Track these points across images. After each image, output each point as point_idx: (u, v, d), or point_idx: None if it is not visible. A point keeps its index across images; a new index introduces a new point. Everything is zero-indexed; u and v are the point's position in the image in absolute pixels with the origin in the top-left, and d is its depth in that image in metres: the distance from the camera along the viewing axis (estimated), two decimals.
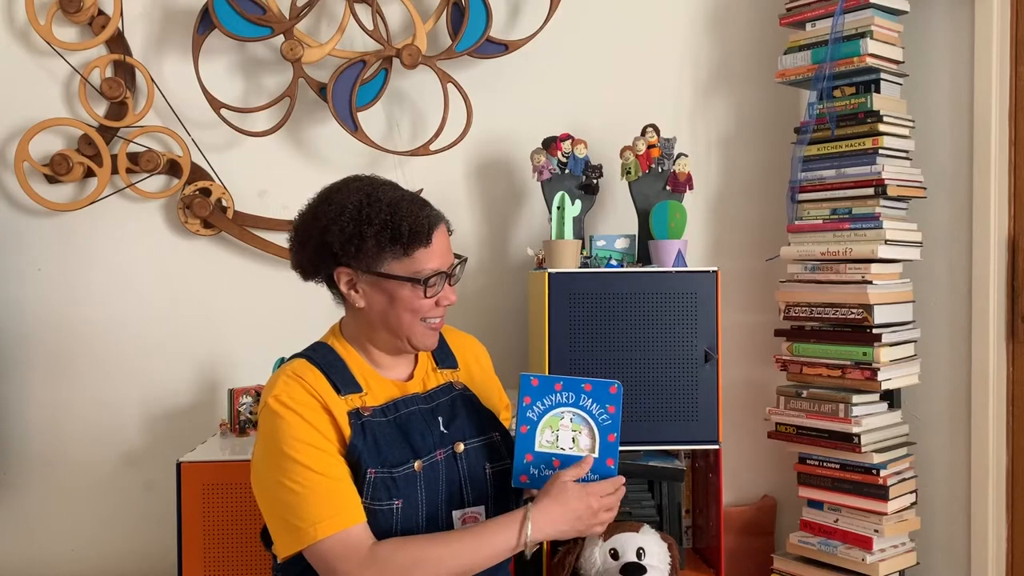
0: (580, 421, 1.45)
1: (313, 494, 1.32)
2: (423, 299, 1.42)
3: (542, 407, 1.46)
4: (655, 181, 2.28)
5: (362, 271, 1.41)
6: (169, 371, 2.51)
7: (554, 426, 1.46)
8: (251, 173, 2.50)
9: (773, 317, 2.32)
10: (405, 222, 1.38)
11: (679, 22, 2.55)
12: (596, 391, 1.45)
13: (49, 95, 2.46)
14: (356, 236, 1.38)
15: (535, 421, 1.45)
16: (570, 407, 1.46)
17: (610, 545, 2.00)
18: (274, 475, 1.35)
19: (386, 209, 1.39)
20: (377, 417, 1.42)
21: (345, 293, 1.44)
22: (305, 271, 1.47)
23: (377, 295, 1.43)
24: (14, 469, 2.49)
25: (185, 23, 2.42)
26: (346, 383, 1.43)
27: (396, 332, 1.45)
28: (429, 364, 1.56)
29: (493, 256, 2.55)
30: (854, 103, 2.10)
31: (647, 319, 2.11)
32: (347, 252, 1.39)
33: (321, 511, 1.31)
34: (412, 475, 1.40)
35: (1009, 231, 2.11)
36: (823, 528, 2.18)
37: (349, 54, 2.40)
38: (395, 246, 1.39)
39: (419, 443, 1.43)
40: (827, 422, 2.11)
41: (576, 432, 1.45)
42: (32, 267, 2.48)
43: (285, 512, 1.34)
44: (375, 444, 1.39)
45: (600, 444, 1.45)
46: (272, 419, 1.37)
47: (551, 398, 1.46)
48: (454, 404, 1.52)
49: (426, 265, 1.41)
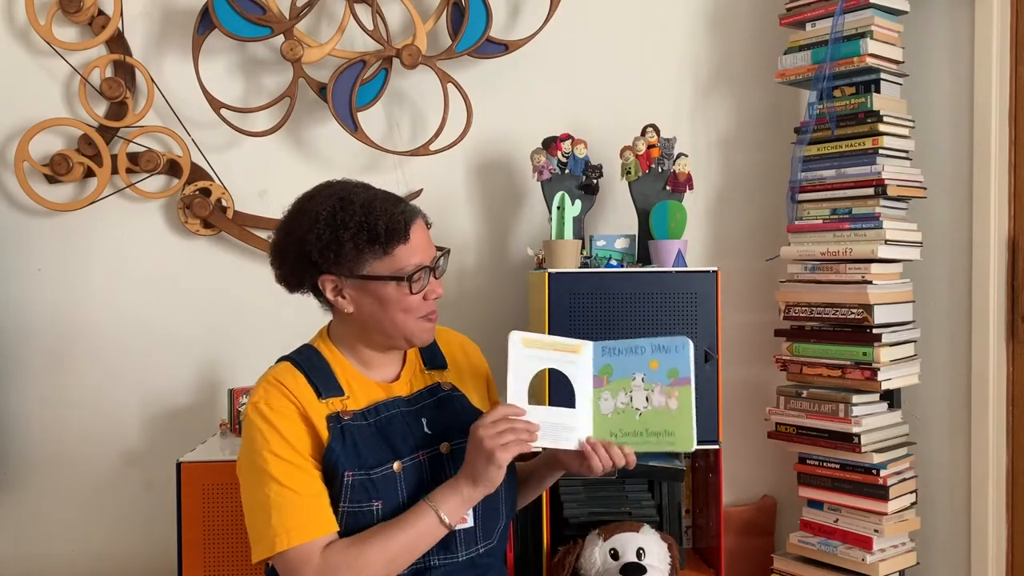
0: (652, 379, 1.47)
1: (278, 507, 1.35)
2: (410, 296, 1.42)
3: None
4: (655, 181, 2.28)
5: (345, 276, 1.41)
6: (169, 371, 2.51)
7: (627, 388, 1.46)
8: (251, 173, 2.50)
9: (773, 317, 2.31)
10: (380, 221, 1.38)
11: (679, 22, 2.55)
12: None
13: (49, 95, 2.46)
14: (334, 242, 1.38)
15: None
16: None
17: (610, 545, 2.00)
18: (249, 483, 1.39)
19: (360, 211, 1.38)
20: (357, 421, 1.43)
21: (332, 300, 1.44)
22: (289, 284, 1.48)
23: (365, 298, 1.43)
24: (14, 469, 2.49)
25: (185, 23, 2.42)
26: (328, 387, 1.43)
27: (391, 332, 1.45)
28: (417, 365, 1.56)
29: (493, 256, 2.55)
30: (854, 103, 2.10)
31: (647, 319, 2.11)
32: (327, 259, 1.39)
33: (283, 524, 1.34)
34: (391, 476, 1.41)
35: (1009, 231, 2.11)
36: (823, 528, 2.18)
37: (349, 54, 2.40)
38: (374, 246, 1.39)
39: (399, 445, 1.44)
40: (827, 422, 2.11)
41: (649, 391, 1.46)
42: (32, 267, 2.48)
43: (256, 520, 1.38)
44: (354, 447, 1.40)
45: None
46: (249, 427, 1.41)
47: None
48: (440, 405, 1.52)
49: (408, 261, 1.41)
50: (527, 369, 1.48)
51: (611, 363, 1.48)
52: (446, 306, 1.53)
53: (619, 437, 1.46)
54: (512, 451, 1.37)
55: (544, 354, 1.49)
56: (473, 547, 1.45)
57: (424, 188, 2.51)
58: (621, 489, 2.24)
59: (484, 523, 1.47)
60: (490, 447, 1.35)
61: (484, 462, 1.36)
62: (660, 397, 1.45)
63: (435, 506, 1.38)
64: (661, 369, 1.46)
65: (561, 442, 1.45)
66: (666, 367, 1.46)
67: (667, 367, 1.46)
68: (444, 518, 1.38)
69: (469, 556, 1.45)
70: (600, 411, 1.47)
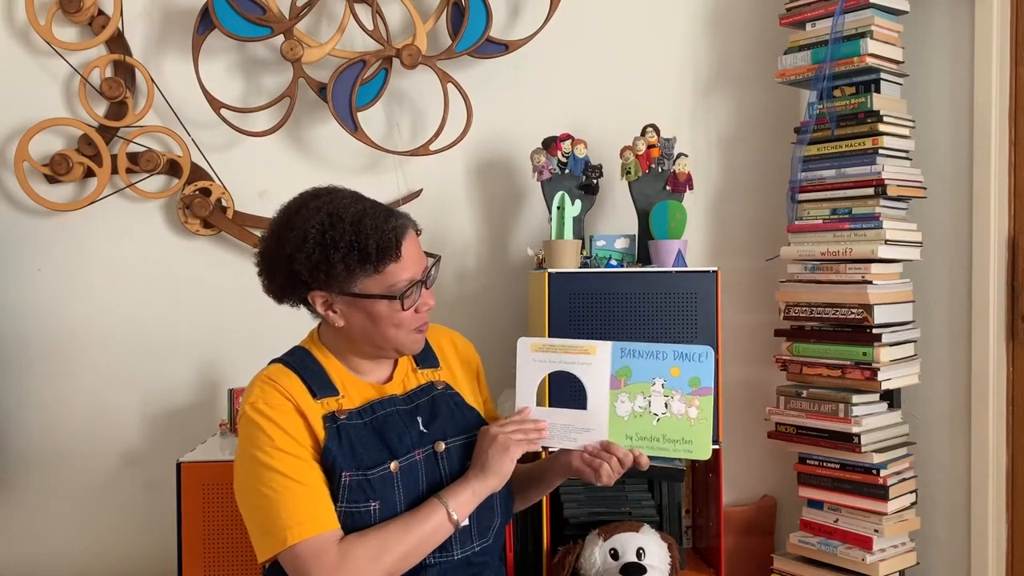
0: (671, 385, 1.47)
1: (286, 500, 1.33)
2: (402, 312, 1.41)
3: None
4: (655, 181, 2.28)
5: (336, 293, 1.40)
6: (169, 371, 2.51)
7: (646, 392, 1.47)
8: (251, 173, 2.50)
9: (773, 317, 2.31)
10: (371, 240, 1.36)
11: (679, 22, 2.55)
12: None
13: (49, 95, 2.47)
14: (323, 262, 1.36)
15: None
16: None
17: (610, 545, 2.00)
18: (251, 481, 1.37)
19: (350, 229, 1.36)
20: (353, 420, 1.43)
21: (323, 314, 1.43)
22: (278, 297, 1.46)
23: (356, 313, 1.42)
24: (14, 469, 2.49)
25: (185, 23, 2.42)
26: (322, 387, 1.43)
27: (382, 345, 1.45)
28: (409, 365, 1.55)
29: (493, 256, 2.55)
30: (854, 103, 2.10)
31: (647, 319, 2.11)
32: (317, 279, 1.38)
33: (293, 517, 1.33)
34: (388, 476, 1.40)
35: (1009, 231, 2.11)
36: (823, 528, 2.18)
37: (349, 54, 2.40)
38: (365, 265, 1.37)
39: (396, 444, 1.43)
40: (827, 422, 2.11)
41: (668, 397, 1.46)
42: (32, 267, 2.48)
43: (261, 517, 1.36)
44: (350, 447, 1.40)
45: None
46: (249, 427, 1.39)
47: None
48: (435, 403, 1.51)
49: (399, 278, 1.39)
50: (537, 373, 1.50)
51: (630, 365, 1.47)
52: (446, 306, 1.54)
53: (634, 440, 1.46)
54: (523, 447, 1.43)
55: (554, 357, 1.50)
56: (468, 545, 1.45)
57: (424, 188, 2.51)
58: (621, 489, 2.25)
59: (479, 521, 1.47)
60: (504, 440, 1.41)
61: (497, 453, 1.41)
62: (680, 405, 1.45)
63: (445, 502, 1.39)
64: (683, 377, 1.46)
65: (569, 442, 1.49)
66: (688, 375, 1.45)
67: (689, 375, 1.45)
68: (452, 514, 1.38)
69: (464, 554, 1.45)
70: (616, 413, 1.47)
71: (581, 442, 1.48)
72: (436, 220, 2.49)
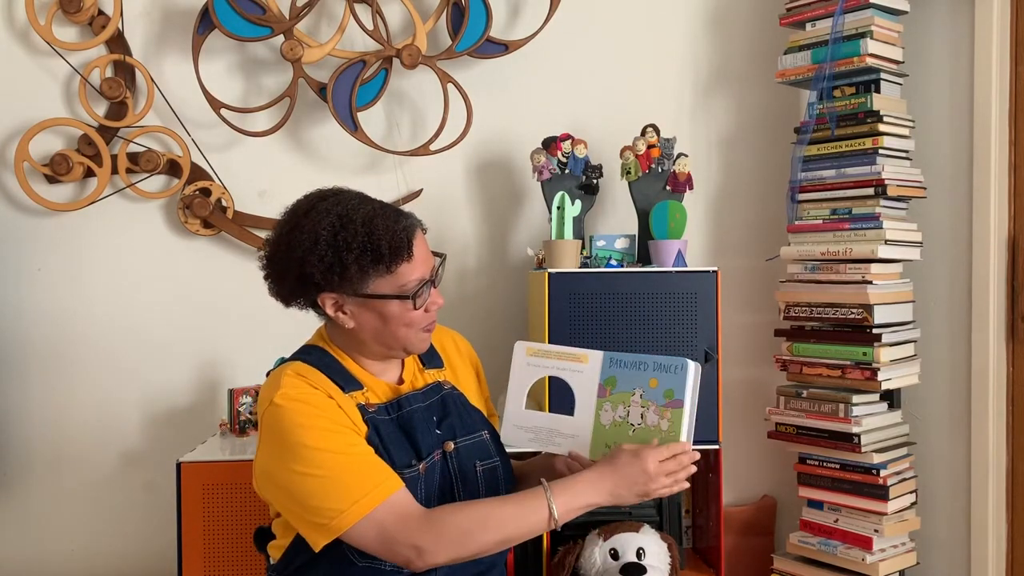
0: (650, 397, 1.45)
1: (341, 475, 1.30)
2: (413, 311, 1.41)
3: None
4: (655, 181, 2.28)
5: (347, 294, 1.39)
6: (169, 371, 2.51)
7: (626, 402, 1.46)
8: (251, 173, 2.50)
9: (773, 317, 2.31)
10: (384, 240, 1.35)
11: (679, 22, 2.55)
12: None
13: (49, 95, 2.46)
14: (337, 264, 1.35)
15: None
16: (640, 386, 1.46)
17: (610, 545, 2.00)
18: (292, 469, 1.32)
19: (362, 230, 1.35)
20: (381, 415, 1.42)
21: (333, 316, 1.42)
22: (286, 301, 1.45)
23: (366, 314, 1.41)
24: (14, 469, 2.49)
25: (185, 23, 2.42)
26: (348, 381, 1.42)
27: (391, 344, 1.44)
28: (416, 366, 1.55)
29: (493, 256, 2.55)
30: (854, 103, 2.10)
31: (647, 319, 2.11)
32: (330, 281, 1.37)
33: (355, 489, 1.30)
34: (416, 477, 1.39)
35: (1009, 231, 2.11)
36: (823, 528, 2.18)
37: (349, 54, 2.40)
38: (378, 266, 1.36)
39: (420, 443, 1.42)
40: (827, 422, 2.11)
41: (644, 408, 1.45)
42: (32, 267, 2.48)
43: (314, 502, 1.31)
44: (382, 445, 1.39)
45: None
46: (278, 414, 1.34)
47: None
48: (444, 403, 1.51)
49: (410, 277, 1.39)
50: (529, 377, 1.52)
51: (616, 375, 1.47)
52: (446, 306, 1.53)
53: (612, 449, 1.46)
54: (672, 489, 1.39)
55: (547, 363, 1.51)
56: None
57: (424, 188, 2.51)
58: None
59: None
60: (655, 487, 1.36)
61: (640, 488, 1.37)
62: (654, 416, 1.45)
63: (551, 498, 1.34)
64: (659, 388, 1.45)
65: (554, 447, 1.51)
66: (663, 387, 1.45)
67: (664, 387, 1.44)
68: (555, 512, 1.34)
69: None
70: (600, 421, 1.48)
71: (566, 447, 1.49)
72: (436, 220, 2.48)
